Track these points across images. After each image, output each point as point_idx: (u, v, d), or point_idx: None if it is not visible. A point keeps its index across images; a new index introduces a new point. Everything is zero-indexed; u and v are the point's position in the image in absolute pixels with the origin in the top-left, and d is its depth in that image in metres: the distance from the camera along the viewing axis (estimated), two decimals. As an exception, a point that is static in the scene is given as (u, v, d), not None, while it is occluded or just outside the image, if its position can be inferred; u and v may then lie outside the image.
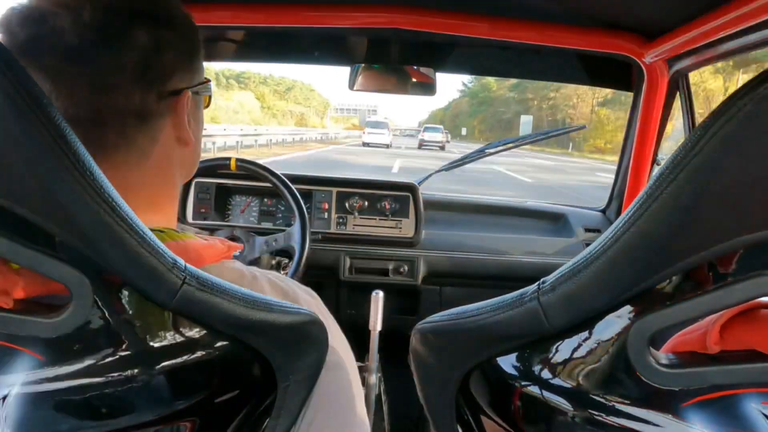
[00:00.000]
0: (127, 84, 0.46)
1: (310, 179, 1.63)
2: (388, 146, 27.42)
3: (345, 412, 0.52)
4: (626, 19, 1.24)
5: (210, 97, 0.58)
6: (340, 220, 1.59)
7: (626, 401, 0.35)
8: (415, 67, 1.45)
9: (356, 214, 1.60)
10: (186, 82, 0.51)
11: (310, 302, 0.54)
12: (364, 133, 29.52)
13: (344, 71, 1.54)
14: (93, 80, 0.44)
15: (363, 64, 1.45)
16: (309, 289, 0.57)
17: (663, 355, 0.34)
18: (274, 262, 1.40)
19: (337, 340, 0.54)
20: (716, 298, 0.31)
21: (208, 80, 0.56)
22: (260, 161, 1.41)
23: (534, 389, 0.40)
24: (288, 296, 0.52)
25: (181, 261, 0.38)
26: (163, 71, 0.48)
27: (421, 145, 28.92)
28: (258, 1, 1.27)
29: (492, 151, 1.78)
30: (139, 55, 0.46)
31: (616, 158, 1.67)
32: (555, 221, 1.74)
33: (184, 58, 0.50)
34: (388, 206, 1.60)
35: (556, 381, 0.39)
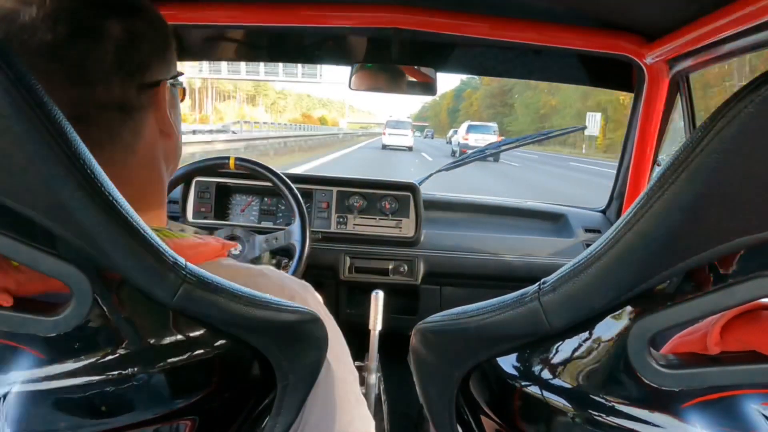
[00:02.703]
0: (106, 77, 0.45)
1: (311, 179, 1.63)
2: (410, 149, 24.85)
3: (343, 408, 0.52)
4: (627, 20, 1.24)
5: (185, 89, 0.58)
6: (341, 220, 1.59)
7: (626, 402, 0.35)
8: (416, 67, 1.45)
9: (356, 213, 1.60)
10: (163, 74, 0.51)
11: (302, 294, 0.54)
12: (384, 134, 26.13)
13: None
14: (71, 75, 0.44)
15: (363, 64, 1.45)
16: (302, 282, 0.57)
17: (663, 355, 0.34)
18: (274, 261, 1.40)
19: (332, 334, 0.54)
20: (717, 299, 0.31)
21: (182, 73, 0.55)
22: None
23: (534, 389, 0.40)
24: (282, 287, 0.52)
25: (182, 259, 0.38)
26: (140, 63, 0.48)
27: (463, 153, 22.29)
28: (261, 1, 1.27)
29: (493, 151, 1.79)
30: (116, 47, 0.45)
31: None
32: (555, 221, 1.74)
33: (158, 50, 0.50)
34: (388, 206, 1.60)
35: (557, 381, 0.39)
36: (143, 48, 0.48)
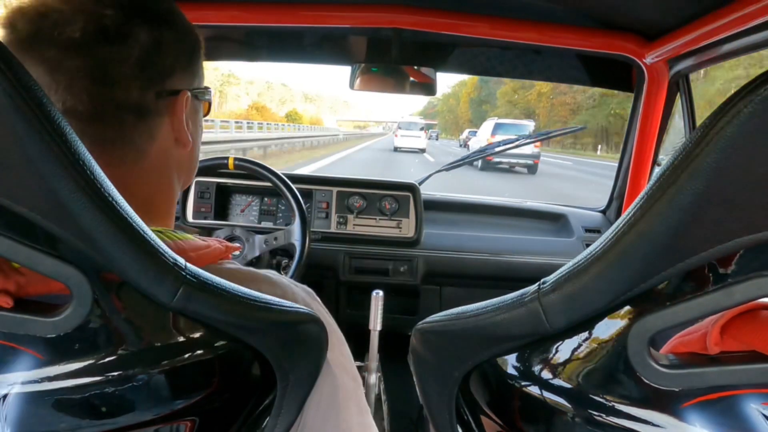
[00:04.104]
0: (126, 79, 0.46)
1: (311, 179, 1.63)
2: (423, 151, 23.62)
3: (342, 415, 0.52)
4: (627, 20, 1.24)
5: (210, 104, 0.58)
6: (341, 220, 1.59)
7: (626, 402, 0.35)
8: (416, 67, 1.45)
9: (356, 213, 1.60)
10: (185, 84, 0.52)
11: (307, 300, 0.54)
12: (396, 136, 24.71)
13: None
14: (92, 72, 0.45)
15: (363, 64, 1.45)
16: (306, 287, 0.57)
17: (663, 355, 0.34)
18: (273, 262, 1.40)
19: (335, 339, 0.54)
20: (716, 298, 0.31)
21: (208, 88, 0.56)
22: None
23: (534, 389, 0.40)
24: (286, 294, 0.52)
25: (182, 260, 0.38)
26: (162, 69, 0.49)
27: (488, 162, 15.23)
28: (261, 1, 1.27)
29: (492, 151, 1.79)
30: (139, 52, 0.47)
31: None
32: (555, 221, 1.74)
33: (183, 59, 0.51)
34: (388, 206, 1.60)
35: (556, 381, 0.39)
36: (167, 56, 0.49)
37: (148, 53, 0.47)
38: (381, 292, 1.22)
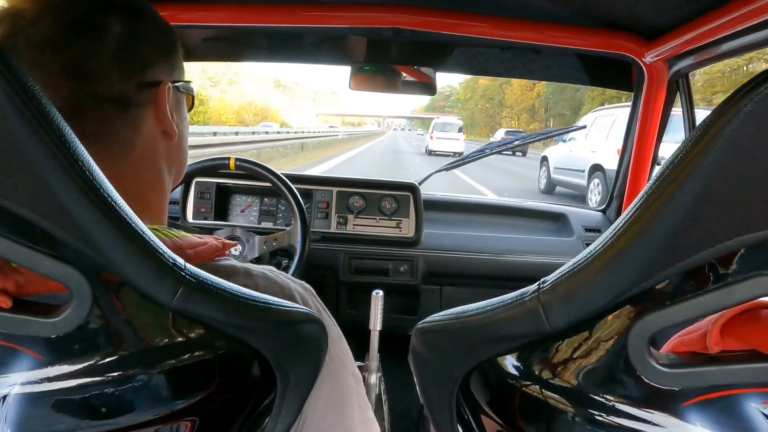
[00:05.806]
0: (105, 71, 0.47)
1: (311, 179, 1.63)
2: (461, 154, 21.62)
3: (344, 412, 0.52)
4: (626, 19, 1.24)
5: (193, 98, 0.59)
6: (341, 220, 1.59)
7: (626, 401, 0.35)
8: (415, 67, 1.45)
9: (356, 213, 1.60)
10: (165, 75, 0.52)
11: (304, 296, 0.54)
12: (431, 138, 22.22)
13: None
14: (70, 67, 0.45)
15: (363, 64, 1.45)
16: (304, 283, 0.57)
17: (663, 355, 0.34)
18: (273, 262, 1.40)
19: (333, 336, 0.54)
20: (716, 298, 0.31)
21: (190, 81, 0.57)
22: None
23: (534, 389, 0.40)
24: (282, 290, 0.52)
25: (181, 260, 0.38)
26: (140, 60, 0.49)
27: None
28: (261, 1, 1.27)
29: (492, 151, 1.79)
30: (116, 43, 0.47)
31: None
32: (555, 221, 1.74)
33: (161, 51, 0.51)
34: (388, 206, 1.60)
35: (557, 381, 0.39)
36: (145, 47, 0.49)
37: (124, 44, 0.47)
38: (381, 292, 1.22)
